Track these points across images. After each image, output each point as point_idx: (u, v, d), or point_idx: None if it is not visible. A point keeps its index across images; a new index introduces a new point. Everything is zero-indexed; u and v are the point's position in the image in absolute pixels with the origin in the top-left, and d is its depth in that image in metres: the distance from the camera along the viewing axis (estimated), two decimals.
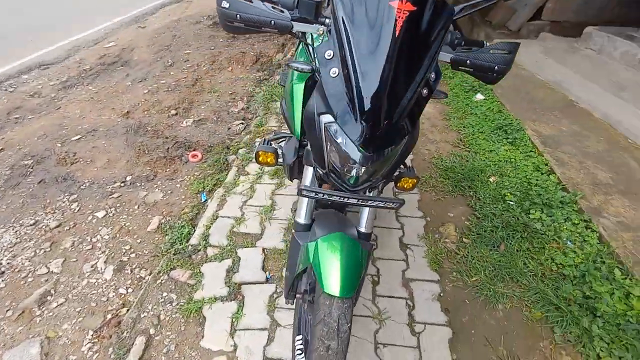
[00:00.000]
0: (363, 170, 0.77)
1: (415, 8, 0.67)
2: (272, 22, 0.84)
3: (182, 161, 2.52)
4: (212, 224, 1.87)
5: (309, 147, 0.95)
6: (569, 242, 1.67)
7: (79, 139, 2.74)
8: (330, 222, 0.98)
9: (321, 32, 0.88)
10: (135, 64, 4.13)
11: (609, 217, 1.75)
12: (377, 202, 0.84)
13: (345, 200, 0.84)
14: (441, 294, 1.51)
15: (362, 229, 0.98)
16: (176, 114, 3.13)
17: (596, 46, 3.42)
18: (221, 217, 1.91)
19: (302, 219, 1.02)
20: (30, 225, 1.96)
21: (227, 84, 3.70)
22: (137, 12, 6.04)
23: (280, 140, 1.54)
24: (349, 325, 0.86)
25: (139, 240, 1.87)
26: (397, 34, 0.67)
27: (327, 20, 0.86)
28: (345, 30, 0.71)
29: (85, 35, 4.92)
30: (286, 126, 1.96)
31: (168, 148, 2.62)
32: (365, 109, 0.69)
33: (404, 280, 1.56)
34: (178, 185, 2.29)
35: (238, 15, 0.84)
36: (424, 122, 2.78)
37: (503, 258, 1.63)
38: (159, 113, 3.12)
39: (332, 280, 0.84)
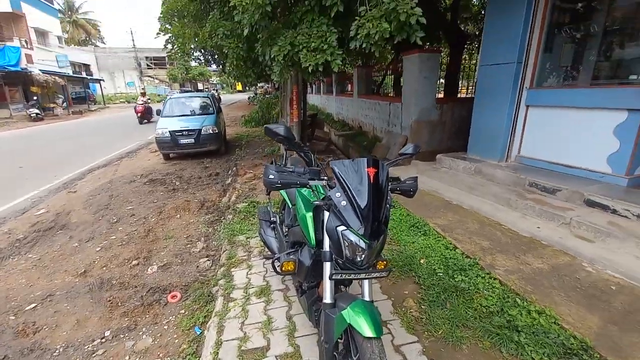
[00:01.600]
0: (367, 254, 1.39)
1: (376, 170, 1.48)
2: (298, 182, 1.55)
3: (161, 304, 2.62)
4: (218, 349, 2.03)
5: (325, 248, 1.54)
6: (485, 291, 2.42)
7: (35, 307, 2.61)
8: (347, 297, 1.51)
9: (324, 184, 1.61)
10: (76, 226, 4.17)
11: (500, 268, 2.62)
12: (377, 274, 1.45)
13: (360, 275, 1.42)
14: (424, 350, 1.97)
15: (367, 298, 1.51)
16: (138, 264, 3.26)
17: (446, 165, 5.16)
18: (225, 341, 2.09)
19: (328, 299, 1.51)
20: None
21: (180, 229, 4.04)
22: (65, 178, 6.18)
23: (269, 258, 2.12)
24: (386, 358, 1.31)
25: None
26: (371, 181, 1.44)
27: (326, 178, 1.61)
28: (346, 182, 1.45)
29: (10, 206, 4.78)
30: (266, 248, 2.49)
31: (142, 296, 2.71)
32: (364, 218, 1.37)
33: (395, 346, 1.99)
34: (166, 327, 2.37)
35: (280, 182, 1.52)
36: None
37: (451, 312, 2.24)
38: (120, 266, 3.21)
39: (368, 327, 1.33)
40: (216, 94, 17.35)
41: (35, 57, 20.40)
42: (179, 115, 8.10)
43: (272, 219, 2.61)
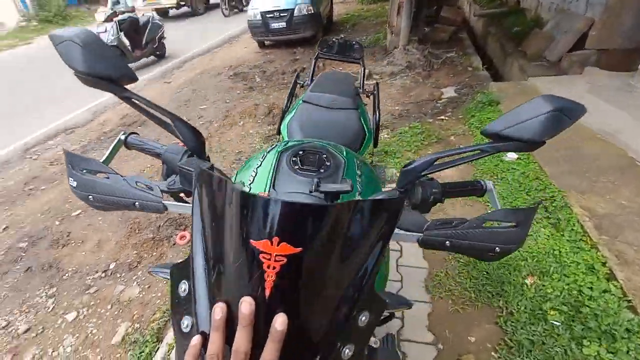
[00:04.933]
0: None
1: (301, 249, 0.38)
2: (137, 203, 0.60)
3: (169, 243, 2.33)
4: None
5: None
6: None
7: (78, 214, 2.70)
8: None
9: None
10: (152, 124, 4.20)
11: None
12: None
13: None
14: None
15: None
16: None
17: None
18: None
19: None
20: (2, 328, 1.84)
21: (235, 142, 3.58)
22: (164, 67, 6.37)
23: None
24: None
25: (99, 357, 1.65)
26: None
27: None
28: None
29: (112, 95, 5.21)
30: None
31: (159, 227, 2.46)
32: None
33: None
34: (156, 279, 2.09)
35: (91, 197, 0.61)
36: None
37: None
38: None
39: None
40: None
41: None
42: None
43: None
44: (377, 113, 2.17)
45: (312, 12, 6.42)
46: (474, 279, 1.70)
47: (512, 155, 2.53)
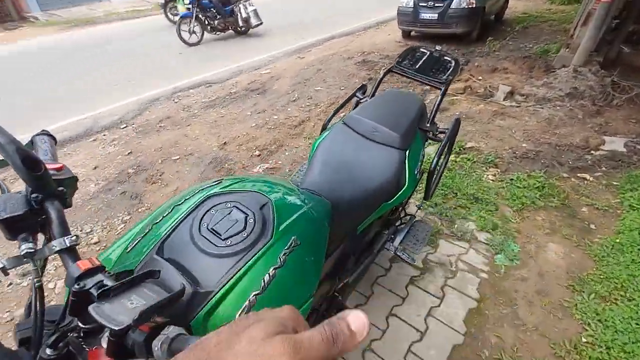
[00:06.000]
0: None
1: None
2: None
3: None
4: None
5: None
6: None
7: (176, 159, 3.16)
8: None
9: None
10: (269, 94, 4.51)
11: None
12: None
13: None
14: None
15: None
16: (259, 155, 3.18)
17: None
18: None
19: None
20: (85, 233, 2.34)
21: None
22: (305, 42, 6.68)
23: None
24: None
25: None
26: None
27: None
28: None
29: (253, 60, 5.80)
30: None
31: None
32: None
33: None
34: None
35: None
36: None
37: None
38: (246, 151, 3.25)
39: None
40: None
41: None
42: None
43: None
44: (445, 158, 1.71)
45: (474, 6, 5.54)
46: None
47: None
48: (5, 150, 0.52)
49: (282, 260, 0.69)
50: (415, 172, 1.39)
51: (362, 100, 1.66)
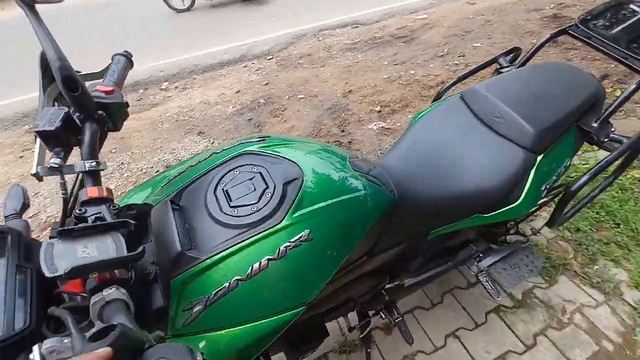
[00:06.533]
0: None
1: None
2: None
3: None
4: None
5: None
6: None
7: (301, 98, 3.26)
8: None
9: None
10: (415, 45, 4.02)
11: None
12: None
13: None
14: None
15: None
16: (379, 111, 2.97)
17: None
18: None
19: None
20: (200, 149, 2.76)
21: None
22: None
23: None
24: None
25: None
26: None
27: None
28: None
29: (413, 1, 5.16)
30: None
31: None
32: None
33: None
34: None
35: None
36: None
37: None
38: (368, 104, 3.08)
39: None
40: None
41: None
42: None
43: None
44: (610, 180, 1.16)
45: None
46: None
47: None
48: (53, 65, 0.56)
49: (280, 252, 0.60)
50: (543, 188, 0.99)
51: (503, 70, 1.25)
